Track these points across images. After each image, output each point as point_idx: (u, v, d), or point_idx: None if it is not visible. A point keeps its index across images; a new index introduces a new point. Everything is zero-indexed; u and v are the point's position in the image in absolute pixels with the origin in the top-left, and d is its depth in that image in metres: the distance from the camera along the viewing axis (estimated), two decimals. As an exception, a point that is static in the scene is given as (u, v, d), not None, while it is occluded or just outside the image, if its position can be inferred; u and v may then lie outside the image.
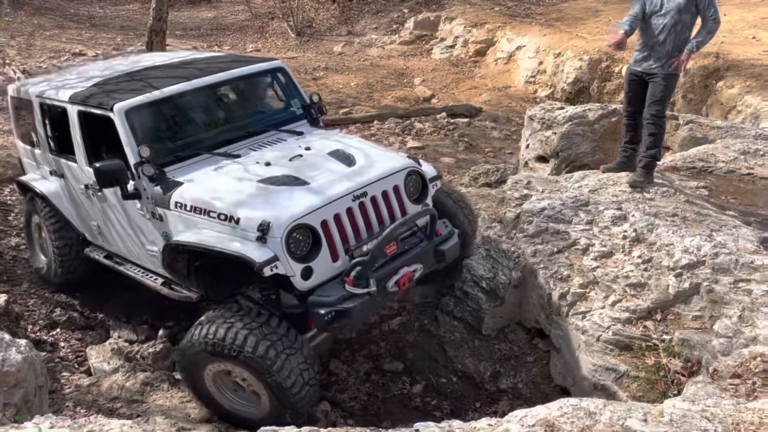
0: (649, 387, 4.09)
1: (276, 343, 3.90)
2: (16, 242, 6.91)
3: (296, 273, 3.96)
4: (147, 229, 4.82)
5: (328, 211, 4.12)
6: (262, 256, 3.86)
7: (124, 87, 5.11)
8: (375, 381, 5.21)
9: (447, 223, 4.80)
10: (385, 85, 13.62)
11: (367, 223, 4.32)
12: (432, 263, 4.52)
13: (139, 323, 5.95)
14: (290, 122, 5.37)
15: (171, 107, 5.04)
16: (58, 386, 4.90)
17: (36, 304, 6.08)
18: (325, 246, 4.10)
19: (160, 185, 4.52)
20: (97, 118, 4.89)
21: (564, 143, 7.64)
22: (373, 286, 4.02)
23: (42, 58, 14.55)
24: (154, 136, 4.80)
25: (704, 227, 4.75)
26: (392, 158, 4.78)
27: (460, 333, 5.22)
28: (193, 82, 5.08)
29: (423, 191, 4.72)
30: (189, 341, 4.14)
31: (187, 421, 4.53)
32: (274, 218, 3.93)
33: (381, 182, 4.44)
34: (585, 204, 5.23)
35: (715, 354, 3.90)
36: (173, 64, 5.76)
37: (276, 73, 5.57)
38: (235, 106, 5.57)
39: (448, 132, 11.24)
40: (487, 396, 5.01)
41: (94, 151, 5.15)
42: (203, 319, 4.15)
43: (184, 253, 4.46)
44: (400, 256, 4.30)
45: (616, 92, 11.67)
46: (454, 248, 4.63)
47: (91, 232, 5.68)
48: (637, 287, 4.53)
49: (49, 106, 5.52)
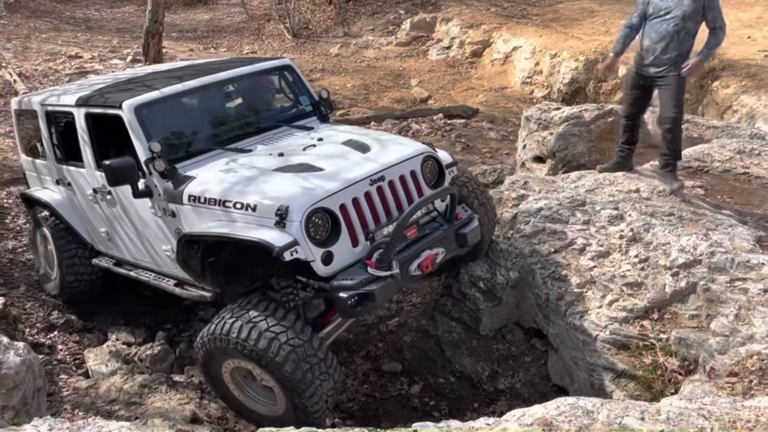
0: (647, 386, 4.10)
1: (297, 348, 3.80)
2: (13, 245, 6.91)
3: (317, 258, 3.87)
4: (159, 229, 4.76)
5: (346, 195, 4.05)
6: (282, 241, 3.75)
7: (130, 88, 5.09)
8: (373, 382, 5.22)
9: (466, 207, 4.71)
10: (381, 86, 13.62)
11: (385, 207, 4.25)
12: (454, 248, 4.44)
13: (137, 325, 5.95)
14: (300, 119, 5.33)
15: (180, 104, 5.03)
16: (56, 389, 4.90)
17: (33, 307, 6.07)
18: (345, 230, 4.01)
19: (172, 180, 4.45)
20: (105, 119, 4.86)
21: (560, 143, 7.65)
22: (396, 268, 3.94)
23: (38, 61, 14.53)
24: (164, 133, 4.74)
25: (700, 226, 4.77)
26: (407, 144, 4.75)
27: (457, 333, 5.24)
28: (201, 79, 5.07)
29: (440, 177, 4.65)
30: (202, 336, 4.09)
31: (185, 423, 4.52)
32: (292, 202, 3.85)
33: (398, 167, 4.37)
34: (582, 204, 5.24)
35: (712, 353, 3.92)
36: (180, 67, 5.77)
37: (284, 71, 5.55)
38: (244, 103, 5.53)
39: (445, 133, 11.24)
40: (485, 396, 5.02)
41: (103, 154, 5.08)
42: (221, 314, 4.09)
43: (198, 248, 4.39)
44: (420, 240, 4.22)
45: (612, 92, 11.69)
46: (475, 232, 4.54)
47: (100, 240, 5.61)
48: (634, 287, 4.54)
49: (55, 113, 5.48)
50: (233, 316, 3.97)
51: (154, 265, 5.17)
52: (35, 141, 5.93)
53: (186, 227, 4.42)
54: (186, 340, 5.80)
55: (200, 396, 4.93)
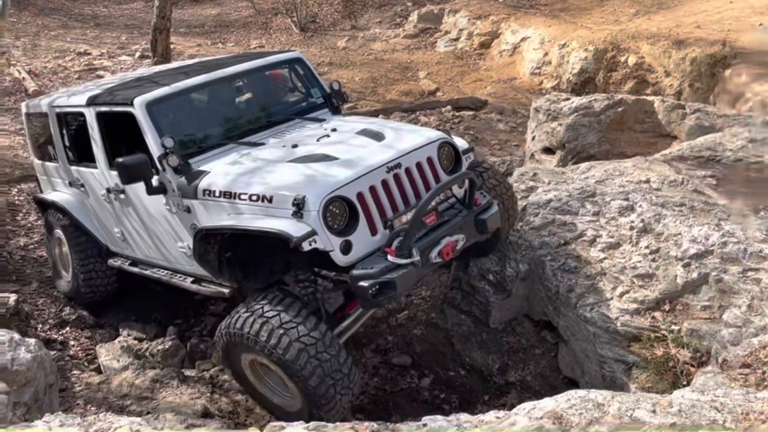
0: (658, 378, 4.07)
1: (324, 363, 3.75)
2: (25, 242, 6.96)
3: (335, 247, 3.83)
4: (174, 225, 4.75)
5: (363, 183, 4.00)
6: (299, 231, 3.71)
7: (140, 85, 5.08)
8: (383, 375, 5.22)
9: (485, 192, 4.62)
10: (389, 79, 13.57)
11: (403, 195, 4.19)
12: (474, 234, 4.35)
13: (148, 321, 5.97)
14: (312, 111, 5.30)
15: (191, 99, 5.02)
16: (68, 384, 4.93)
17: (45, 303, 6.12)
18: (363, 219, 3.96)
19: (186, 176, 4.43)
20: (117, 116, 4.86)
21: (570, 134, 7.61)
22: (416, 256, 3.87)
23: (47, 59, 14.59)
24: (176, 129, 4.69)
25: (712, 216, 4.72)
26: (423, 132, 4.71)
27: (467, 326, 5.22)
28: (211, 73, 5.05)
29: (456, 163, 4.59)
30: (221, 330, 4.08)
31: (196, 418, 4.54)
32: (308, 192, 3.81)
33: (414, 153, 4.31)
34: (592, 195, 5.20)
35: (725, 344, 3.88)
36: (190, 65, 5.76)
37: (294, 64, 5.51)
38: (255, 97, 5.49)
39: (453, 125, 11.19)
40: (496, 389, 5.01)
41: (115, 153, 5.05)
42: (238, 308, 4.06)
43: (215, 243, 4.37)
44: (440, 227, 4.16)
45: (623, 82, 11.59)
46: (495, 217, 4.44)
47: (115, 240, 5.61)
48: (645, 278, 4.50)
49: (66, 114, 5.49)
50: (241, 311, 3.95)
51: (169, 263, 5.16)
52: (46, 144, 5.94)
53: (202, 222, 4.39)
54: (197, 335, 5.82)
55: (211, 390, 4.96)
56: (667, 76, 10.99)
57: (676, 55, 10.77)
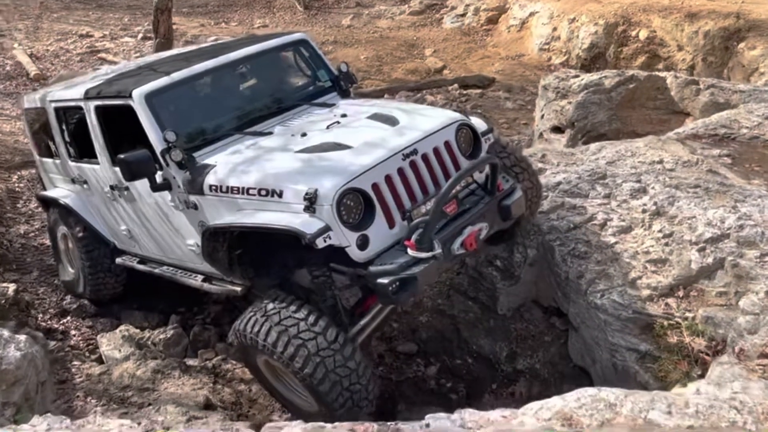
0: (672, 367, 3.92)
1: (327, 359, 3.57)
2: (25, 230, 6.87)
3: (351, 243, 3.60)
4: (181, 223, 4.54)
5: (378, 172, 3.73)
6: (313, 227, 3.48)
7: (141, 76, 4.85)
8: (389, 363, 5.12)
9: (507, 177, 4.34)
10: (395, 57, 13.36)
11: (420, 183, 3.92)
12: (498, 221, 4.10)
13: (150, 309, 5.88)
14: (320, 95, 5.03)
15: (193, 89, 4.77)
16: (69, 376, 4.85)
17: (46, 292, 6.05)
18: (380, 211, 3.72)
19: (191, 171, 4.21)
20: (117, 110, 4.62)
21: (580, 113, 7.43)
22: (438, 248, 3.63)
23: (49, 41, 14.46)
24: (178, 121, 4.46)
25: (728, 198, 4.54)
26: (438, 114, 4.41)
27: (474, 313, 5.09)
28: (212, 60, 4.80)
29: (476, 146, 4.30)
30: (236, 330, 3.91)
31: (198, 410, 4.46)
32: (320, 185, 3.58)
33: (431, 138, 4.03)
34: (602, 177, 5.03)
35: (741, 332, 3.73)
36: (191, 51, 5.50)
37: (299, 47, 5.22)
38: (260, 83, 5.25)
39: (460, 104, 10.99)
40: (504, 377, 4.90)
41: (117, 149, 4.82)
42: (253, 308, 3.88)
43: (225, 241, 4.14)
44: (461, 216, 3.91)
45: (634, 57, 11.35)
46: (519, 203, 4.17)
47: (122, 238, 5.42)
48: (657, 263, 4.34)
49: (64, 109, 5.27)
50: (266, 319, 3.73)
51: (179, 261, 4.97)
52: (47, 140, 5.74)
53: (210, 219, 4.18)
54: (200, 323, 5.73)
55: (213, 381, 4.87)
56: (680, 50, 10.74)
57: (688, 29, 10.51)
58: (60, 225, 5.80)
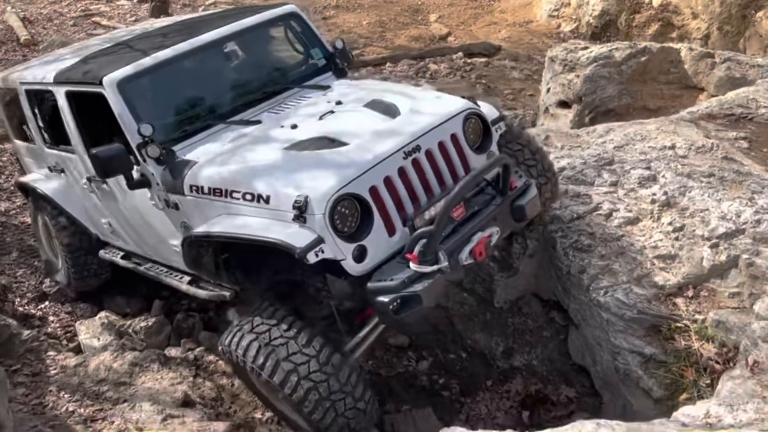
0: (678, 374, 3.65)
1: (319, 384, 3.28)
2: (6, 207, 6.60)
3: (347, 255, 3.25)
4: (163, 222, 4.19)
5: (377, 174, 3.38)
6: (303, 240, 3.14)
7: (116, 57, 4.44)
8: (379, 357, 4.87)
9: (520, 171, 3.97)
10: (398, 23, 12.88)
11: (424, 184, 3.57)
12: (510, 223, 3.72)
13: (133, 294, 5.63)
14: (313, 76, 4.61)
15: (172, 73, 4.29)
16: (42, 367, 4.62)
17: (25, 275, 5.81)
18: (378, 218, 3.36)
19: (170, 168, 3.86)
20: (89, 96, 4.22)
21: (588, 87, 7.05)
22: (443, 260, 3.26)
23: (43, 4, 14.03)
24: (155, 111, 4.11)
25: (744, 189, 4.22)
26: (443, 101, 3.97)
27: (469, 305, 4.82)
28: (191, 41, 4.34)
29: (485, 137, 3.90)
30: (223, 344, 3.61)
31: (175, 407, 4.24)
32: (311, 191, 3.22)
33: (435, 131, 3.64)
34: (609, 163, 4.70)
35: (755, 340, 3.44)
36: (175, 26, 5.01)
37: (289, 21, 4.76)
38: (247, 64, 4.79)
39: (464, 73, 10.59)
40: (499, 373, 4.66)
41: (93, 138, 4.44)
42: (241, 322, 3.57)
43: (209, 245, 3.81)
44: (470, 220, 3.53)
45: (646, 25, 10.87)
46: (535, 202, 3.77)
47: (104, 231, 5.07)
48: (666, 259, 4.04)
49: (36, 92, 4.86)
50: (255, 337, 3.43)
51: (163, 260, 4.65)
52: (21, 123, 5.34)
53: (193, 221, 3.85)
54: (184, 310, 5.49)
55: (194, 374, 4.63)
56: (694, 19, 10.26)
57: (705, -4, 10.03)
58: (40, 214, 5.48)
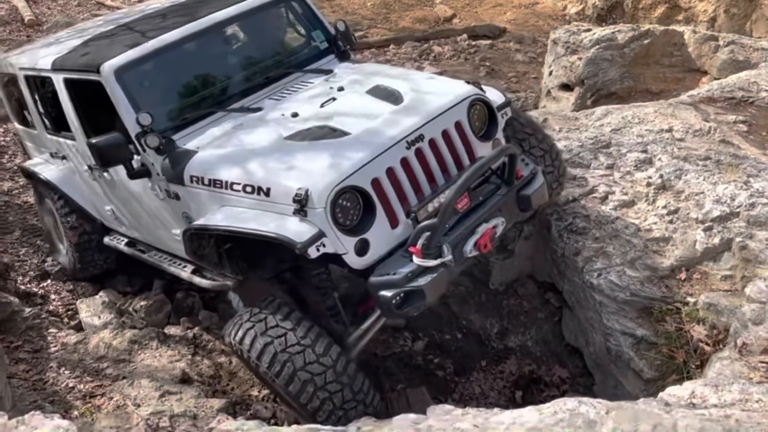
0: (669, 356, 3.68)
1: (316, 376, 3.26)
2: (9, 186, 6.65)
3: (349, 249, 3.22)
4: (165, 211, 4.18)
5: (379, 165, 3.31)
6: (304, 235, 3.12)
7: (114, 42, 4.40)
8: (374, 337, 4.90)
9: (526, 159, 3.88)
10: (403, 4, 12.80)
11: (428, 174, 3.51)
12: (516, 214, 3.68)
13: (134, 273, 5.67)
14: (315, 60, 4.54)
15: (171, 59, 4.24)
16: (44, 344, 4.70)
17: (27, 254, 5.86)
18: (381, 210, 3.30)
19: (170, 157, 3.82)
20: (87, 83, 4.19)
21: (590, 69, 7.01)
22: (447, 254, 3.24)
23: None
24: (155, 98, 4.08)
25: (740, 172, 4.22)
26: (447, 87, 3.89)
27: (465, 287, 4.85)
28: (189, 26, 4.29)
29: (491, 124, 3.82)
30: (227, 334, 3.59)
31: (173, 384, 4.31)
32: (312, 184, 3.18)
33: (439, 119, 3.56)
34: (606, 145, 4.70)
35: (745, 322, 3.46)
36: (174, 6, 4.95)
37: (290, 3, 4.71)
38: (247, 49, 4.76)
39: (468, 56, 10.52)
40: (494, 354, 4.69)
41: (93, 126, 4.41)
42: (242, 314, 3.56)
43: (211, 236, 3.79)
44: (474, 211, 3.48)
45: (652, 7, 10.75)
46: (541, 192, 3.71)
47: (107, 217, 5.07)
48: (660, 242, 4.06)
49: (35, 78, 4.83)
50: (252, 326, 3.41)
51: (167, 248, 4.65)
52: (22, 108, 5.34)
53: (193, 212, 3.85)
54: (184, 288, 5.53)
55: (193, 352, 4.72)
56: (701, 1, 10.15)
57: (712, -23, 9.90)
58: (44, 199, 5.50)
